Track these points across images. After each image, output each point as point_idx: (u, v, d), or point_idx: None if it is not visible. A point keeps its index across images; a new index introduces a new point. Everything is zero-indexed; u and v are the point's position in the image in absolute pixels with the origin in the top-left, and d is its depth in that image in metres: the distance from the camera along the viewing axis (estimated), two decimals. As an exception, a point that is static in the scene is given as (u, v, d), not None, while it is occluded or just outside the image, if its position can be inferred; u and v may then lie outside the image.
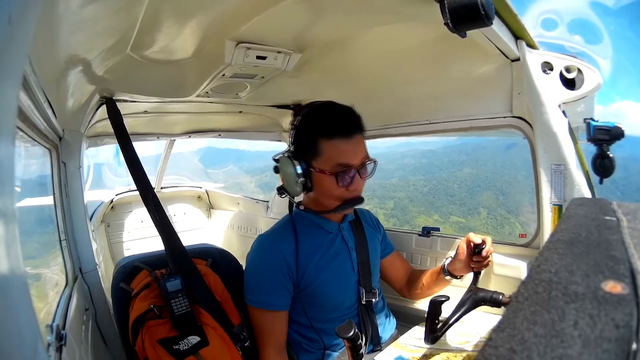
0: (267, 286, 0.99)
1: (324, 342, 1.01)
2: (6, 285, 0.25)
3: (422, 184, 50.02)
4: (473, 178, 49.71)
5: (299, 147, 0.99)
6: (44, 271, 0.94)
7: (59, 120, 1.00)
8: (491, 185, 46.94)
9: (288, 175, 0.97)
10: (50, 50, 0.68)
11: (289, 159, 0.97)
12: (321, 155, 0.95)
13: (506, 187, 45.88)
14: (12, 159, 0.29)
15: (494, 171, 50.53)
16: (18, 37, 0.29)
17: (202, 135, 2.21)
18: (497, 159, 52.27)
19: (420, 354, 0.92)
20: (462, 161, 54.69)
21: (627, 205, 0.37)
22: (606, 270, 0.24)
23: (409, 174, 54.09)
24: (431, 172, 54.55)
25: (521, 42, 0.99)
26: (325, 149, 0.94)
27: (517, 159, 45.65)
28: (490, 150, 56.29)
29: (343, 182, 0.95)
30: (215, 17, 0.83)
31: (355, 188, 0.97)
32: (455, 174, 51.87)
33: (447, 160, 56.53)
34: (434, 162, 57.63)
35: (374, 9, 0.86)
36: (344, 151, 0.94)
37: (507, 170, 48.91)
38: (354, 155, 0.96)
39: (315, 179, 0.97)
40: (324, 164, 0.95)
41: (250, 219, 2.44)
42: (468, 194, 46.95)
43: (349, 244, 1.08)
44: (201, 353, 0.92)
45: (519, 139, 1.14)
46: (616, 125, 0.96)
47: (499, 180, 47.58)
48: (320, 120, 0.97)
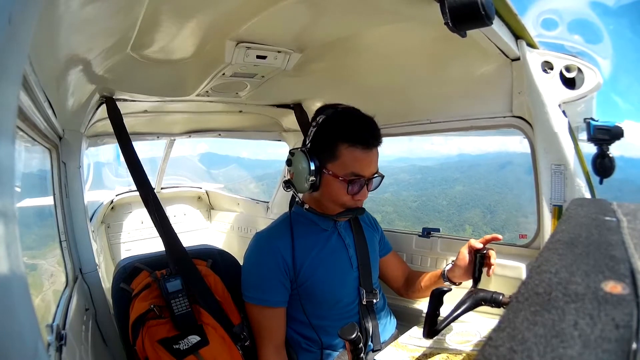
0: (264, 283, 1.00)
1: (322, 341, 1.01)
2: (6, 285, 0.25)
3: (412, 199, 50.80)
4: (463, 195, 50.67)
5: (316, 146, 0.99)
6: (44, 271, 0.94)
7: (59, 120, 1.00)
8: (480, 203, 47.88)
9: (299, 170, 0.98)
10: (50, 50, 0.68)
11: (304, 154, 0.97)
12: (338, 160, 0.95)
13: (494, 205, 46.82)
14: (12, 159, 0.29)
15: (485, 189, 51.51)
16: (18, 37, 0.29)
17: (202, 135, 2.20)
18: (490, 177, 53.09)
19: (420, 354, 0.92)
20: (455, 178, 55.46)
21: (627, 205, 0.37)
22: (606, 271, 0.24)
23: (402, 189, 54.83)
24: (424, 188, 55.35)
25: (521, 42, 0.98)
26: (343, 155, 0.95)
27: (510, 178, 46.46)
28: (484, 168, 57.06)
29: (352, 190, 0.97)
30: (215, 17, 0.83)
31: (360, 198, 0.99)
32: (447, 190, 52.85)
33: (441, 177, 57.26)
34: (427, 178, 58.28)
35: (374, 8, 0.86)
36: (361, 161, 0.95)
37: (498, 188, 49.75)
38: (369, 167, 0.97)
39: (325, 181, 0.98)
40: (338, 169, 0.96)
41: (250, 219, 2.44)
42: (456, 210, 47.87)
43: (346, 241, 1.09)
44: (201, 353, 0.92)
45: (514, 158, 1.15)
46: (616, 125, 0.96)
47: (488, 198, 48.64)
48: (344, 125, 0.96)
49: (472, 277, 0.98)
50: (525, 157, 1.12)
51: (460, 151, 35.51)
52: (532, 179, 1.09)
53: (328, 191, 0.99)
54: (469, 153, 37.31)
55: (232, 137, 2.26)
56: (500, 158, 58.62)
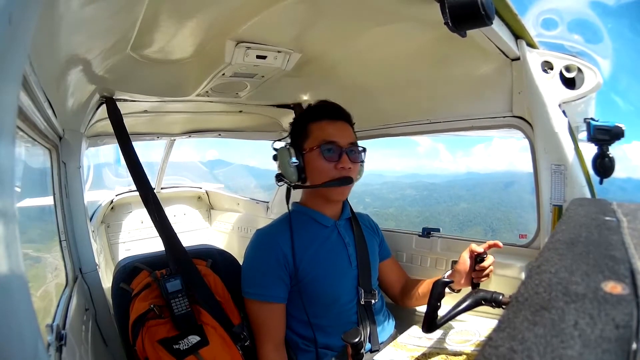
0: (263, 277, 1.01)
1: (318, 340, 1.01)
2: (6, 285, 0.25)
3: (415, 215, 51.02)
4: (466, 213, 51.15)
5: (293, 137, 1.11)
6: (44, 271, 0.94)
7: (59, 120, 1.00)
8: (482, 221, 48.11)
9: (284, 160, 1.05)
10: (50, 50, 0.68)
11: (285, 147, 1.06)
12: (310, 136, 1.05)
13: (496, 223, 47.01)
14: (12, 159, 0.29)
15: (489, 207, 51.81)
16: (18, 37, 0.29)
17: (202, 135, 2.20)
18: (494, 196, 53.36)
19: (419, 353, 0.92)
20: (461, 196, 55.82)
21: (627, 205, 0.37)
22: (606, 271, 0.24)
23: (407, 205, 55.27)
24: (428, 204, 55.77)
25: (521, 42, 0.98)
26: (313, 130, 1.05)
27: (514, 197, 46.72)
28: (489, 187, 57.50)
29: (331, 158, 1.02)
30: (215, 17, 0.83)
31: (344, 167, 1.02)
32: (451, 207, 53.12)
33: (447, 194, 57.65)
34: (433, 194, 58.58)
35: (374, 8, 0.86)
36: (328, 129, 1.04)
37: (502, 207, 49.94)
38: (339, 135, 1.04)
39: (307, 161, 1.04)
40: (312, 143, 1.04)
41: (250, 219, 2.44)
42: (458, 227, 48.24)
43: (346, 240, 1.09)
44: (201, 353, 0.92)
45: (518, 177, 1.15)
46: (616, 125, 0.96)
47: (490, 216, 49.02)
48: (311, 109, 1.10)
49: (471, 283, 0.99)
50: (529, 177, 1.12)
51: (468, 169, 36.49)
52: (534, 198, 1.10)
53: (312, 170, 1.04)
54: (477, 171, 38.05)
55: (232, 137, 2.26)
56: (506, 177, 59.07)
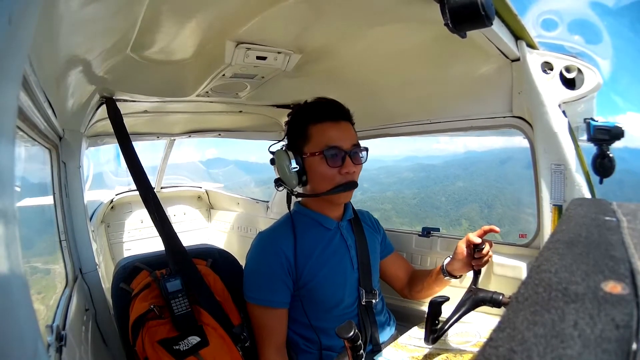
0: (266, 283, 0.99)
1: (322, 342, 1.01)
2: (6, 285, 0.25)
3: (411, 196, 51.46)
4: (462, 191, 51.65)
5: (291, 139, 1.04)
6: (44, 271, 0.94)
7: (59, 120, 1.00)
8: (478, 199, 48.72)
9: (283, 166, 1.00)
10: (50, 50, 0.68)
11: (283, 150, 1.01)
12: (311, 140, 0.99)
13: (492, 200, 47.47)
14: (12, 159, 0.29)
15: (485, 184, 52.43)
16: (18, 37, 0.29)
17: (202, 135, 2.20)
18: (490, 173, 53.76)
19: (420, 354, 0.92)
20: (457, 175, 56.11)
21: (627, 205, 0.37)
22: (606, 271, 0.24)
23: (404, 188, 55.57)
24: (426, 185, 56.11)
25: (521, 42, 0.98)
26: (314, 133, 0.99)
27: (509, 172, 47.08)
28: (485, 164, 57.95)
29: (334, 163, 0.98)
30: (215, 17, 0.83)
31: (348, 171, 0.99)
32: (447, 187, 53.66)
33: (443, 175, 57.93)
34: (431, 175, 58.86)
35: (374, 9, 0.86)
36: (331, 132, 0.99)
37: (498, 183, 50.33)
38: (342, 137, 0.99)
39: (308, 165, 1.00)
40: (313, 147, 0.99)
41: (250, 219, 2.44)
42: (454, 206, 48.73)
43: (348, 242, 1.09)
44: (201, 353, 0.92)
45: (515, 153, 1.16)
46: (616, 125, 0.96)
47: (486, 193, 49.62)
48: (309, 109, 1.03)
49: (473, 269, 0.98)
50: (524, 152, 1.13)
51: (466, 149, 36.82)
52: (530, 173, 1.09)
53: (314, 175, 1.00)
54: (475, 150, 37.90)
55: (232, 137, 2.27)
56: (501, 154, 59.29)
